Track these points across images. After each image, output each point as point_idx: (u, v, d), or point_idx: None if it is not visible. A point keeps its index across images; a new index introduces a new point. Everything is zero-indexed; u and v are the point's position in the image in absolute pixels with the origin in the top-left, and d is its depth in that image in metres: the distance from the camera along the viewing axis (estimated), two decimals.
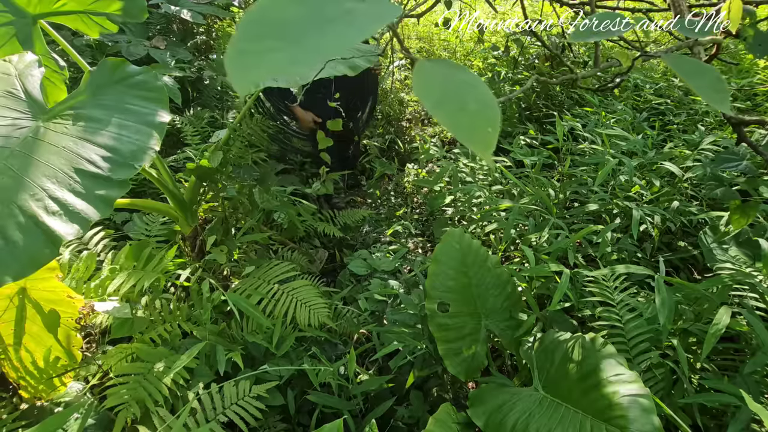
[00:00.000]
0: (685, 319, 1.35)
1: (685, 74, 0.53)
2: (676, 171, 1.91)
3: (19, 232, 0.84)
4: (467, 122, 0.36)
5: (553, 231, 1.72)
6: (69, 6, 1.33)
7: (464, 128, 0.35)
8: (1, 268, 0.81)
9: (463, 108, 0.36)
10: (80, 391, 1.31)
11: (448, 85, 0.37)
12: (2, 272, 0.81)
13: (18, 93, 1.12)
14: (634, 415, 0.92)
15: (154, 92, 1.15)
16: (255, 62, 0.31)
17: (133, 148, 1.01)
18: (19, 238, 0.84)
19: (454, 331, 1.31)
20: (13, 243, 0.83)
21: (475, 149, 0.35)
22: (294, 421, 1.39)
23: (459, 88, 0.38)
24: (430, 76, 0.38)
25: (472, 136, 0.35)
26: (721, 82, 0.52)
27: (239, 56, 0.31)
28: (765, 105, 2.68)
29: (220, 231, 1.66)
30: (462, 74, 0.39)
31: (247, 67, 0.31)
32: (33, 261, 0.84)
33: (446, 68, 0.40)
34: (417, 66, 0.38)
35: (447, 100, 0.36)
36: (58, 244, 0.86)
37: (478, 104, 0.37)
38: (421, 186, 2.87)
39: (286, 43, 0.32)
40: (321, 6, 0.34)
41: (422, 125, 3.99)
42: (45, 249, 0.85)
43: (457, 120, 0.36)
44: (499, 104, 0.38)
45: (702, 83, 0.52)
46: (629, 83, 3.08)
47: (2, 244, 0.82)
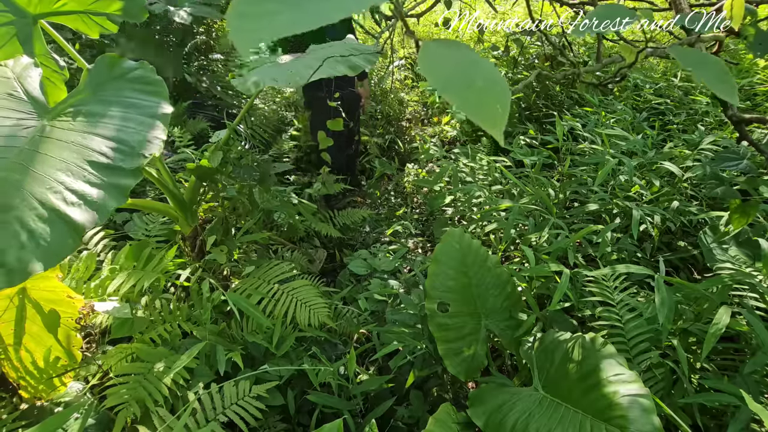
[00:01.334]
0: (685, 319, 1.35)
1: (692, 65, 0.53)
2: (676, 171, 1.91)
3: (42, 224, 0.85)
4: (475, 99, 0.36)
5: (553, 231, 1.72)
6: (69, 6, 1.33)
7: (472, 105, 0.35)
8: (30, 258, 0.82)
9: (470, 85, 0.36)
10: (80, 391, 1.31)
11: (455, 64, 0.37)
12: (32, 262, 0.82)
13: (19, 94, 1.12)
14: (634, 415, 0.92)
15: (153, 85, 1.15)
16: (256, 24, 0.31)
17: (139, 138, 1.02)
18: (43, 229, 0.85)
19: (454, 331, 1.31)
20: (37, 234, 0.84)
21: (484, 126, 0.35)
22: (294, 421, 1.39)
23: (466, 67, 0.38)
24: (437, 56, 0.38)
25: (481, 112, 0.35)
26: (727, 74, 0.52)
27: (240, 18, 0.32)
28: (765, 105, 2.68)
29: (220, 231, 1.66)
30: (468, 54, 0.39)
31: (249, 29, 0.31)
32: (59, 251, 0.85)
33: (452, 48, 0.40)
34: (423, 47, 0.38)
35: (454, 79, 0.36)
36: (80, 233, 0.88)
37: (485, 81, 0.37)
38: (421, 186, 2.87)
39: (286, 6, 0.32)
40: None
41: (422, 125, 3.99)
42: (68, 239, 0.87)
43: (466, 97, 0.35)
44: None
45: (709, 74, 0.52)
46: (629, 83, 3.08)
47: (27, 237, 0.83)
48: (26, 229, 0.84)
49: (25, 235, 0.83)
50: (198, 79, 2.91)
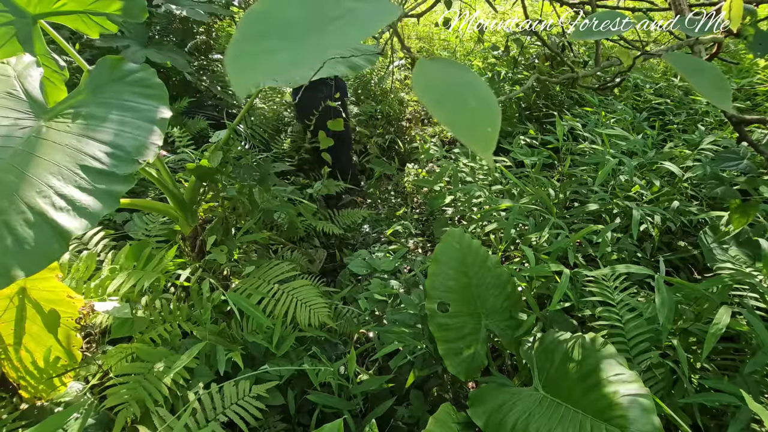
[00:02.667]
0: (685, 319, 1.35)
1: (687, 72, 0.53)
2: (676, 171, 1.91)
3: (28, 228, 0.85)
4: (467, 120, 0.36)
5: (553, 231, 1.72)
6: (69, 6, 1.33)
7: (464, 126, 0.35)
8: (12, 263, 0.82)
9: (462, 106, 0.36)
10: (80, 391, 1.31)
11: (449, 84, 0.37)
12: (13, 268, 0.81)
13: (18, 94, 1.12)
14: (634, 415, 0.92)
15: (153, 89, 1.15)
16: (255, 63, 0.31)
17: (135, 143, 1.01)
18: (28, 234, 0.85)
19: (454, 331, 1.31)
20: (22, 239, 0.84)
21: (474, 148, 0.35)
22: (294, 421, 1.39)
23: (459, 87, 0.38)
24: (431, 75, 0.38)
25: (472, 134, 0.35)
26: (723, 80, 0.52)
27: (239, 58, 0.31)
28: (765, 105, 2.68)
29: (220, 231, 1.66)
30: (462, 73, 0.39)
31: (247, 69, 0.31)
32: (43, 256, 0.85)
33: (447, 67, 0.40)
34: (417, 65, 0.38)
35: (447, 99, 0.36)
36: (67, 239, 0.87)
37: (478, 102, 0.37)
38: (421, 186, 2.87)
39: (287, 42, 0.32)
40: (322, 5, 0.34)
41: (422, 125, 3.99)
42: (54, 244, 0.86)
43: (457, 118, 0.36)
44: (499, 104, 0.38)
45: (703, 81, 0.52)
46: (629, 83, 3.08)
47: (11, 241, 0.83)
48: (12, 234, 0.84)
49: (10, 239, 0.83)
50: (198, 78, 2.91)
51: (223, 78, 3.07)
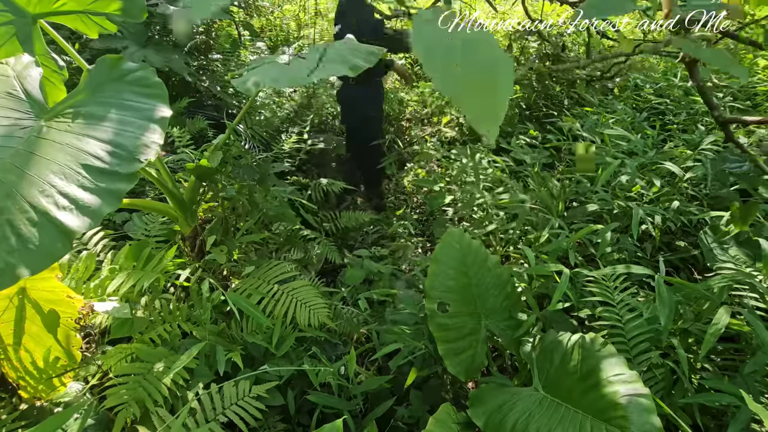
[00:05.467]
0: (685, 319, 1.35)
1: (697, 53, 0.56)
2: (676, 171, 1.91)
3: (31, 227, 0.85)
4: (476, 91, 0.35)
5: (553, 231, 1.72)
6: (69, 6, 1.33)
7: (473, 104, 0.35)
8: (17, 263, 0.82)
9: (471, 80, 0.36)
10: (80, 391, 1.31)
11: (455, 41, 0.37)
12: (19, 267, 0.81)
13: (18, 94, 1.12)
14: (634, 415, 0.92)
15: (153, 88, 1.15)
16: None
17: (136, 142, 1.01)
18: (32, 233, 0.85)
19: (454, 331, 1.31)
20: (26, 238, 0.84)
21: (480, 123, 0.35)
22: (294, 421, 1.39)
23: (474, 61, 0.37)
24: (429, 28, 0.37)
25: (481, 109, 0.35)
26: (734, 59, 0.57)
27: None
28: (765, 105, 2.68)
29: (220, 231, 1.66)
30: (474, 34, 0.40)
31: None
32: (47, 255, 0.85)
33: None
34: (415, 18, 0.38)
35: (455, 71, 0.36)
36: (71, 238, 0.87)
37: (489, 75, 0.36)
38: (421, 186, 2.87)
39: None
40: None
41: (422, 125, 3.99)
42: (58, 243, 0.86)
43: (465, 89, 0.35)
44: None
45: (715, 59, 0.57)
46: (629, 83, 3.08)
47: (16, 240, 0.83)
48: (16, 233, 0.84)
49: (14, 239, 0.83)
50: (198, 78, 2.91)
51: (222, 78, 3.07)
